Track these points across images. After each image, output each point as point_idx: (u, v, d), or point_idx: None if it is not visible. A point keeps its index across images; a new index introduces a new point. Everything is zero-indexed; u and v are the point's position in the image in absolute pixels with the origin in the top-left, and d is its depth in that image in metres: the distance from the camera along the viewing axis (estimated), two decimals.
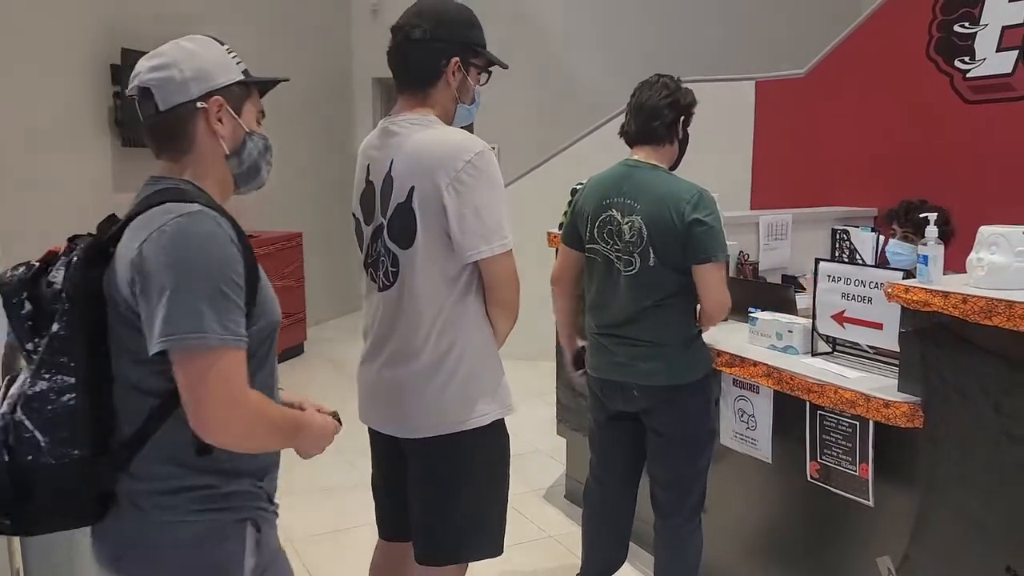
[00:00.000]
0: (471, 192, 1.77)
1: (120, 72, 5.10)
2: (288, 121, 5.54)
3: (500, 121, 7.35)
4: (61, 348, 1.24)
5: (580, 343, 2.71)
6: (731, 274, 3.16)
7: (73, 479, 1.24)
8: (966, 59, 4.37)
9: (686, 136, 2.54)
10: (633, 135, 2.49)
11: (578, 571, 2.78)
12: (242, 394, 1.26)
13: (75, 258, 1.28)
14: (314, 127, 7.03)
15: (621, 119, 2.59)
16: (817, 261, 2.53)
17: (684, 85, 2.52)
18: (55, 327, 1.24)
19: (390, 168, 1.86)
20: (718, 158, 5.52)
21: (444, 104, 1.91)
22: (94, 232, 1.37)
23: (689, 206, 2.32)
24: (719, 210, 2.39)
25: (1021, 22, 4.10)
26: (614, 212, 2.43)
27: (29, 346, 1.27)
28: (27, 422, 1.22)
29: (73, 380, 1.24)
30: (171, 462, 1.29)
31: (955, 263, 2.15)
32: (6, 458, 1.22)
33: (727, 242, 2.43)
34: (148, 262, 1.22)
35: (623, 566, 2.83)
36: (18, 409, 1.23)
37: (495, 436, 1.94)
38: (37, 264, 1.30)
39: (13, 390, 1.25)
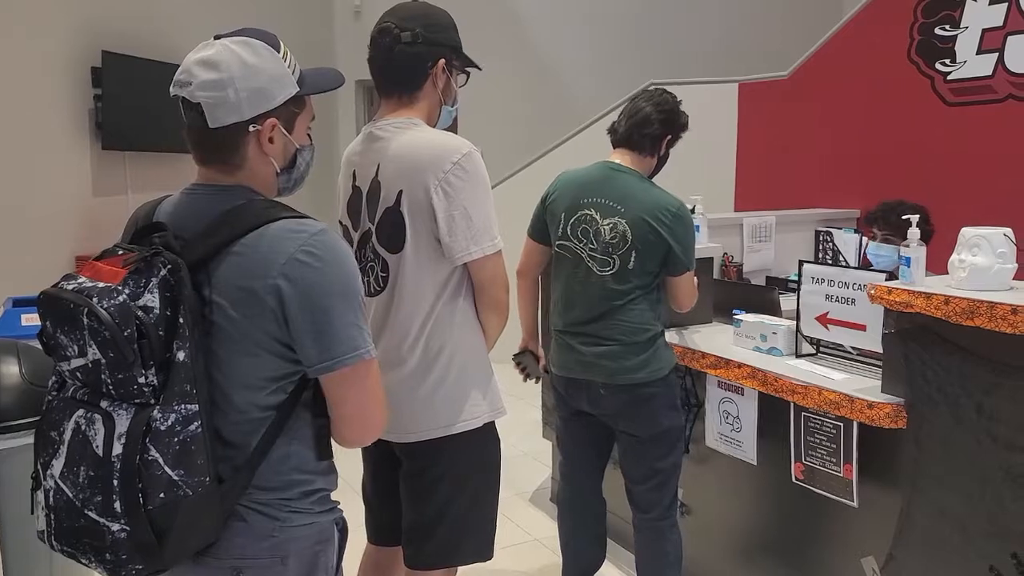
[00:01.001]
0: (460, 194, 1.77)
1: (100, 74, 5.06)
2: None
3: (486, 123, 7.35)
4: (187, 377, 1.18)
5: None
6: (715, 276, 3.17)
7: (210, 506, 1.21)
8: (947, 61, 4.41)
9: (667, 155, 2.56)
10: (619, 137, 2.51)
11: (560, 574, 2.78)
12: (384, 397, 1.36)
13: (174, 281, 1.18)
14: None
15: (606, 122, 2.59)
16: (801, 263, 2.53)
17: (681, 108, 2.54)
18: (181, 355, 1.17)
19: (377, 172, 1.85)
20: (702, 160, 5.54)
21: (429, 106, 1.91)
22: (134, 243, 1.28)
23: (675, 219, 2.37)
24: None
25: (1001, 25, 4.14)
26: (592, 212, 2.44)
27: (141, 379, 1.16)
28: (160, 459, 1.15)
29: (196, 407, 1.19)
30: (296, 470, 1.31)
31: (933, 263, 2.16)
32: (147, 506, 1.16)
33: (710, 244, 2.44)
34: (303, 286, 1.21)
35: (613, 569, 2.83)
36: (150, 447, 1.15)
37: (486, 438, 1.94)
38: (115, 285, 1.18)
39: (121, 429, 1.15)
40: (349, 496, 2.15)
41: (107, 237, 4.98)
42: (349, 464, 2.16)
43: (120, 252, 1.26)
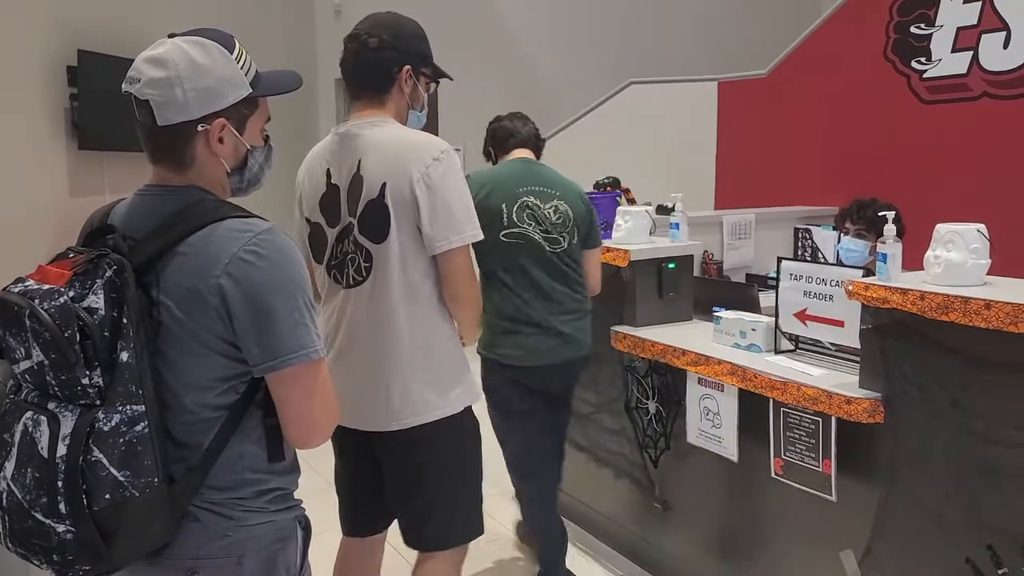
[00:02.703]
0: (441, 186, 1.87)
1: (76, 73, 5.00)
2: None
3: (465, 123, 7.34)
4: (131, 377, 1.18)
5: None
6: (696, 274, 3.19)
7: (159, 507, 1.21)
8: (922, 60, 4.46)
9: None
10: (521, 140, 2.84)
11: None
12: (335, 398, 1.35)
13: (119, 282, 1.19)
14: (276, 128, 6.95)
15: (585, 121, 2.64)
16: (779, 260, 2.55)
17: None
18: (124, 356, 1.17)
19: (358, 167, 1.92)
20: (682, 158, 5.58)
21: (398, 108, 2.01)
22: (85, 245, 1.28)
23: (585, 199, 2.77)
24: None
25: (975, 23, 4.20)
26: (530, 199, 2.65)
27: (85, 379, 1.16)
28: (104, 459, 1.15)
29: (143, 408, 1.19)
30: (249, 469, 1.30)
31: (909, 259, 2.18)
32: (91, 507, 1.15)
33: (691, 242, 2.58)
34: (246, 285, 1.21)
35: (595, 566, 2.85)
36: (93, 448, 1.15)
37: (468, 420, 2.04)
38: (59, 287, 1.18)
39: (65, 430, 1.15)
40: (326, 497, 2.16)
41: None
42: (324, 465, 2.15)
43: (71, 255, 1.26)
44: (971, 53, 4.23)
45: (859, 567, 2.21)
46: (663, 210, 3.53)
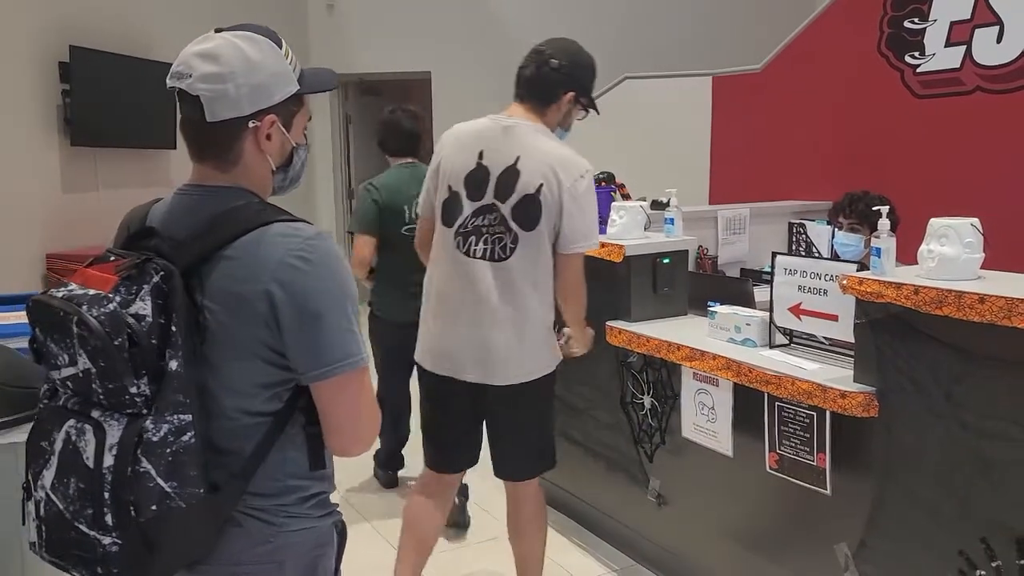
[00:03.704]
0: (583, 198, 2.29)
1: (68, 69, 4.98)
2: None
3: (457, 115, 7.33)
4: (180, 386, 1.14)
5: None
6: (691, 268, 3.20)
7: (203, 517, 1.18)
8: (916, 54, 4.46)
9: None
10: (412, 149, 3.54)
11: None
12: (377, 406, 1.34)
13: (166, 288, 1.15)
14: None
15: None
16: (774, 255, 2.56)
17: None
18: (173, 365, 1.14)
19: (516, 162, 2.29)
20: (676, 153, 5.58)
21: (551, 122, 2.39)
22: (127, 247, 1.24)
23: None
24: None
25: (969, 17, 4.20)
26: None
27: (133, 388, 1.12)
28: (152, 471, 1.12)
29: (189, 418, 1.15)
30: (292, 476, 1.28)
31: (903, 253, 2.19)
32: (138, 518, 1.12)
33: (685, 237, 2.65)
34: (295, 292, 1.18)
35: (590, 560, 2.86)
36: (142, 459, 1.11)
37: (551, 380, 2.46)
38: (105, 293, 1.14)
39: (112, 439, 1.12)
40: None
41: (77, 235, 4.95)
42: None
43: (112, 259, 1.21)
44: (964, 47, 4.23)
45: (854, 560, 2.22)
46: (658, 205, 3.54)
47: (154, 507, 1.13)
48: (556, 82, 2.35)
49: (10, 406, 2.15)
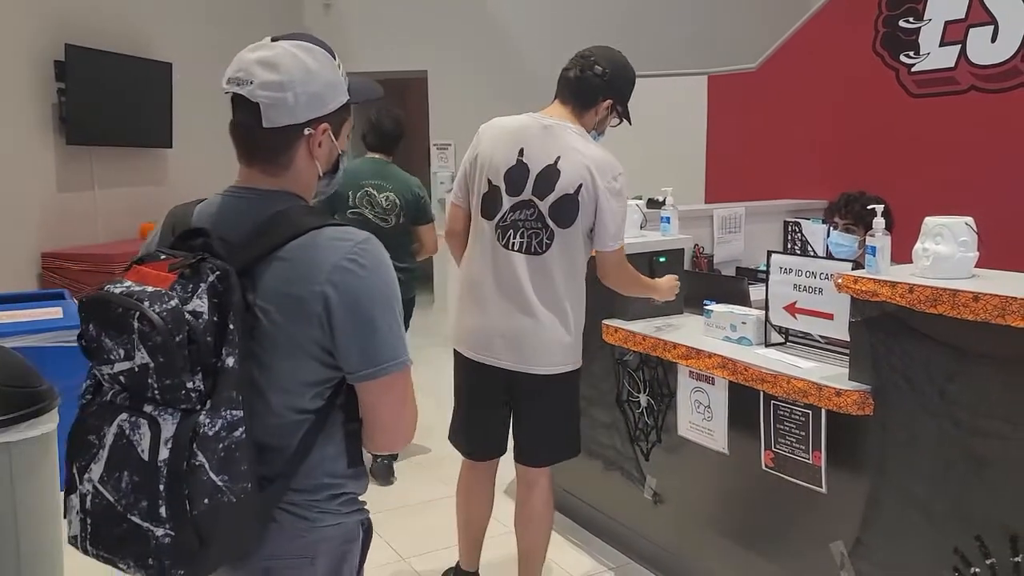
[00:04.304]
0: (618, 199, 2.42)
1: (64, 68, 4.97)
2: None
3: (455, 120, 7.33)
4: (235, 383, 1.18)
5: None
6: (687, 267, 3.20)
7: (252, 511, 1.22)
8: (911, 53, 4.47)
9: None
10: (383, 147, 3.87)
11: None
12: (416, 405, 1.38)
13: (222, 287, 1.19)
14: None
15: None
16: (769, 253, 2.56)
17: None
18: (230, 362, 1.18)
19: (556, 162, 2.39)
20: (672, 152, 5.58)
21: (587, 125, 2.49)
22: (177, 247, 1.28)
23: (415, 191, 3.85)
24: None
25: (963, 17, 4.21)
26: (370, 189, 3.73)
27: (189, 384, 1.16)
28: (206, 464, 1.15)
29: (241, 414, 1.19)
30: (328, 474, 1.33)
31: (898, 252, 2.19)
32: (192, 511, 1.15)
33: (681, 236, 2.72)
34: (349, 294, 1.24)
35: (586, 558, 2.92)
36: (197, 453, 1.15)
37: (578, 373, 2.58)
38: (165, 290, 1.18)
39: (167, 433, 1.16)
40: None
41: (73, 234, 4.95)
42: None
43: (163, 257, 1.25)
44: (959, 47, 4.25)
45: (849, 558, 2.23)
46: (654, 204, 3.54)
47: (207, 500, 1.16)
48: (597, 88, 2.45)
49: (4, 405, 2.15)
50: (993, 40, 4.12)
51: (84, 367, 1.27)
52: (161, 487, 1.15)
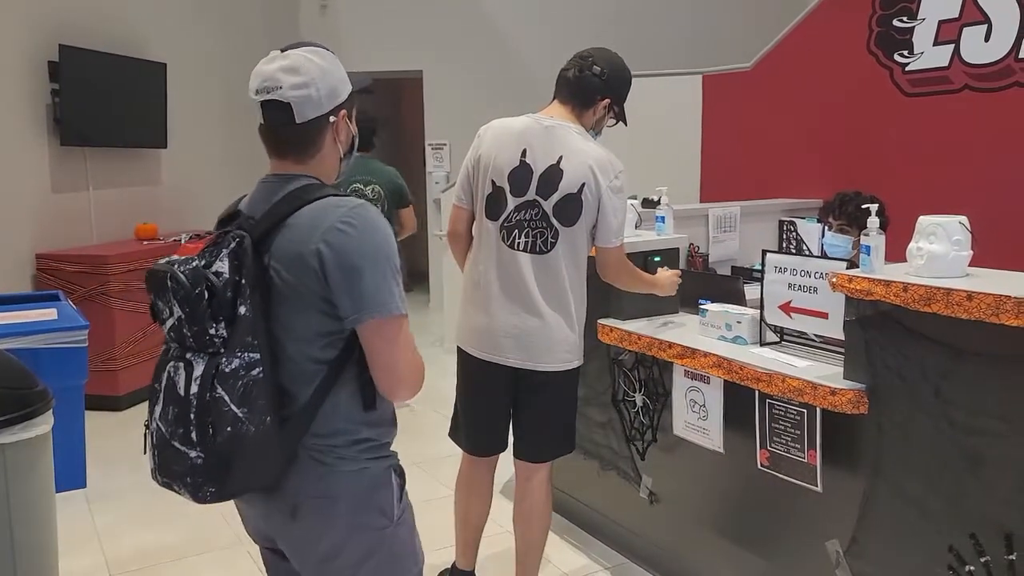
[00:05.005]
0: (619, 196, 2.47)
1: (58, 68, 4.95)
2: (238, 118, 5.48)
3: (450, 120, 7.33)
4: (248, 328, 1.40)
5: None
6: (682, 266, 3.20)
7: (270, 442, 1.40)
8: (905, 53, 4.48)
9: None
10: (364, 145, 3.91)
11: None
12: (417, 352, 1.52)
13: (240, 251, 1.42)
14: None
15: None
16: (764, 252, 2.57)
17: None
18: (242, 310, 1.40)
19: (559, 162, 2.44)
20: (667, 151, 5.58)
21: (586, 125, 2.54)
22: (219, 228, 1.51)
23: (393, 180, 4.36)
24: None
25: (957, 16, 4.22)
26: (358, 184, 4.15)
27: (212, 330, 1.38)
28: (226, 397, 1.36)
29: (258, 356, 1.40)
30: (346, 420, 1.49)
31: (892, 250, 2.20)
32: (216, 437, 1.36)
33: (676, 235, 2.71)
34: (339, 249, 1.41)
35: (583, 558, 2.92)
36: (217, 387, 1.36)
37: (578, 372, 2.61)
38: (192, 257, 1.43)
39: (197, 372, 1.37)
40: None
41: (67, 234, 4.95)
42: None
43: (204, 236, 1.45)
44: (953, 46, 4.26)
45: (845, 556, 2.23)
46: (649, 203, 3.54)
47: (228, 428, 1.37)
48: (596, 87, 2.50)
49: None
50: (986, 39, 4.13)
51: (78, 369, 1.40)
52: (192, 416, 1.37)
